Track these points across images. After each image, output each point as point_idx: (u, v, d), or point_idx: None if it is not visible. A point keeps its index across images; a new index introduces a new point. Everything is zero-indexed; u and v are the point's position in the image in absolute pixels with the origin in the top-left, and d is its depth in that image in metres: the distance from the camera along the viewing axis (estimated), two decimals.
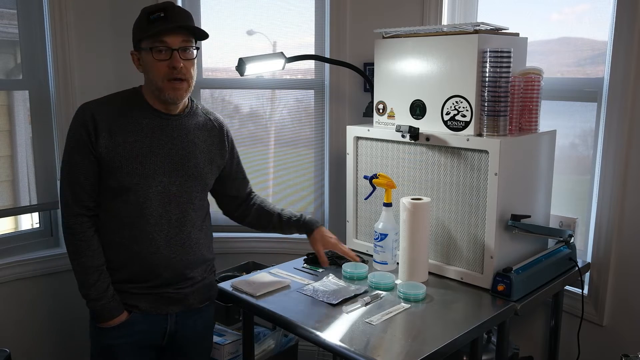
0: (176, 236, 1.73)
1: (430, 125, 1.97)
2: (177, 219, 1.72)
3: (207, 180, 1.81)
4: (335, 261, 2.08)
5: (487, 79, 1.82)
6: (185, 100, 1.77)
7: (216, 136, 1.84)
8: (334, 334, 1.57)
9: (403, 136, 1.99)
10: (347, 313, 1.69)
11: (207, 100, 2.81)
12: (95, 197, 1.70)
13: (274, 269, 2.07)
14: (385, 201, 2.00)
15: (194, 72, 1.70)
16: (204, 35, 1.69)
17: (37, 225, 2.76)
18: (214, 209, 1.97)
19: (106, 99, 1.73)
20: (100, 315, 1.69)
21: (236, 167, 1.96)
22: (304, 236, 2.83)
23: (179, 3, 2.67)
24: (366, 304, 1.74)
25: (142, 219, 1.68)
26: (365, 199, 2.16)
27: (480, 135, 1.86)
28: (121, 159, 1.65)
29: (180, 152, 1.73)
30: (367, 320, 1.64)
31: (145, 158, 1.67)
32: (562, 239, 1.99)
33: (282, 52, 2.34)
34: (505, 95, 1.82)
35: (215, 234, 2.80)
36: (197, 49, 1.71)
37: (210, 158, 1.81)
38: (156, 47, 1.61)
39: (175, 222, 1.72)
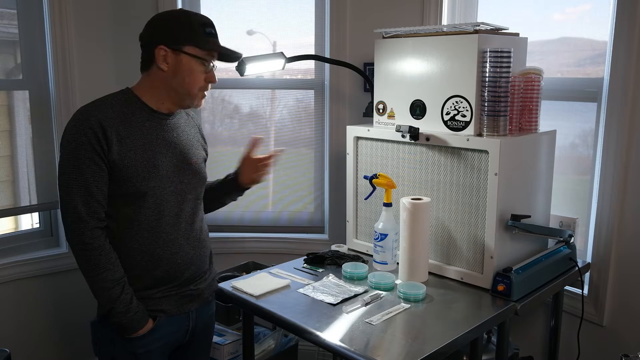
0: (192, 232, 1.74)
1: (430, 125, 1.97)
2: (190, 215, 1.74)
3: (204, 174, 1.83)
4: (335, 261, 2.08)
5: (487, 79, 1.82)
6: None
7: (197, 131, 1.86)
8: (334, 334, 1.57)
9: (403, 136, 1.99)
10: (347, 313, 1.69)
11: (207, 100, 2.81)
12: (106, 207, 1.64)
13: (274, 269, 2.07)
14: (385, 201, 2.00)
15: None
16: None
17: (37, 225, 2.76)
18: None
19: (104, 102, 1.66)
20: (128, 327, 1.64)
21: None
22: (304, 236, 2.86)
23: (179, 3, 2.67)
24: (366, 304, 1.74)
25: (161, 220, 1.67)
26: (365, 199, 2.16)
27: (480, 135, 1.86)
28: (136, 164, 1.62)
29: (183, 150, 1.74)
30: (367, 320, 1.64)
31: (157, 160, 1.66)
32: (562, 239, 1.99)
33: (282, 52, 2.34)
34: (505, 95, 1.82)
35: (215, 234, 2.84)
36: None
37: (199, 153, 1.82)
38: (207, 60, 1.65)
39: (189, 219, 1.74)
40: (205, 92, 1.72)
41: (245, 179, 1.92)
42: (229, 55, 1.71)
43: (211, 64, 1.68)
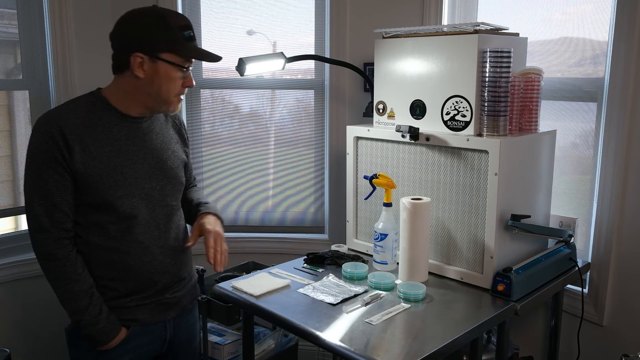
0: (167, 240, 1.69)
1: (430, 125, 1.97)
2: (164, 222, 1.68)
3: (181, 179, 1.75)
4: (335, 261, 2.08)
5: (487, 79, 1.82)
6: None
7: (177, 132, 1.79)
8: (334, 334, 1.57)
9: (403, 136, 1.99)
10: (347, 313, 1.69)
11: (207, 100, 2.81)
12: (73, 217, 1.58)
13: (274, 269, 2.07)
14: (385, 201, 2.00)
15: None
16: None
17: None
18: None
19: (68, 108, 1.59)
20: (98, 339, 1.59)
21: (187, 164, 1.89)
22: (304, 236, 2.86)
23: (179, 3, 2.67)
24: (366, 304, 1.74)
25: (132, 229, 1.61)
26: (365, 199, 2.16)
27: (480, 135, 1.86)
28: (101, 173, 1.55)
29: (156, 155, 1.66)
30: (367, 320, 1.64)
31: (124, 167, 1.59)
32: (562, 239, 1.99)
33: (282, 52, 2.34)
34: (505, 95, 1.82)
35: None
36: None
37: (177, 156, 1.75)
38: (184, 66, 1.58)
39: (163, 227, 1.68)
40: (182, 97, 1.64)
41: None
42: (209, 57, 1.64)
43: (190, 68, 1.61)
